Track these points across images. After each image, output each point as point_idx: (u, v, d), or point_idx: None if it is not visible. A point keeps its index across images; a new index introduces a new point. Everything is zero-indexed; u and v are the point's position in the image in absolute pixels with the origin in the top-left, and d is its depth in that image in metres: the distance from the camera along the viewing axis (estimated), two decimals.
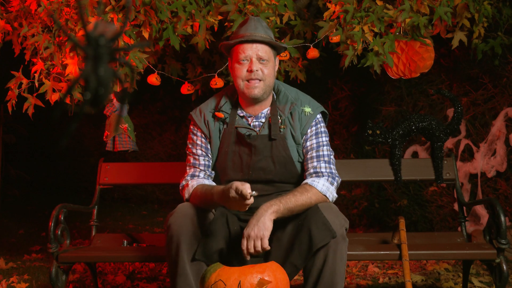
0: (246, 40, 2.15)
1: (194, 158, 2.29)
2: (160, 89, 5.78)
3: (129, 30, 2.74)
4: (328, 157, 2.23)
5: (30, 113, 2.86)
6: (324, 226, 1.99)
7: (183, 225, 2.06)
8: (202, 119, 2.29)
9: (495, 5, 3.16)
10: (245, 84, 2.17)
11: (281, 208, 2.03)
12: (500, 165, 3.90)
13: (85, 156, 7.59)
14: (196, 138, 2.30)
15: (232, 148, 2.23)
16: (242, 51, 2.16)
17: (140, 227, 5.57)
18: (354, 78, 4.92)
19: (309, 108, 2.25)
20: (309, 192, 2.10)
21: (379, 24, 2.77)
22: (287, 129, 2.23)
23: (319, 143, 2.23)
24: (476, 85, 4.08)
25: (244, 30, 2.17)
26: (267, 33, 2.20)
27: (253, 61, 2.15)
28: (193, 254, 2.07)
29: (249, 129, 2.24)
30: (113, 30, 0.94)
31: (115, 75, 0.94)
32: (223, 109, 2.27)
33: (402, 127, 2.89)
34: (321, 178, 2.15)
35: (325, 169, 2.19)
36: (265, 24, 2.23)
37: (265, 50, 2.17)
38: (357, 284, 3.30)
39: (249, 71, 2.15)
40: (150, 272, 3.65)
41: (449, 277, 3.36)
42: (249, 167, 2.22)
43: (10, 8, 2.93)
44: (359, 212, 4.93)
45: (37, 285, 3.36)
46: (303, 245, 2.01)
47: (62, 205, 2.63)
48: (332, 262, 2.01)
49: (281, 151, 2.21)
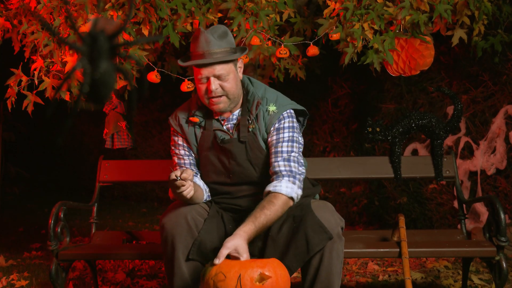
0: (199, 64, 2.09)
1: (178, 158, 2.29)
2: (160, 86, 5.77)
3: (129, 28, 2.73)
4: (287, 153, 2.15)
5: (30, 111, 2.86)
6: (320, 229, 1.99)
7: (176, 224, 2.06)
8: (177, 122, 2.28)
9: (495, 3, 3.16)
10: (210, 101, 2.15)
11: (254, 230, 2.00)
12: (500, 163, 3.90)
13: (84, 153, 7.59)
14: (177, 139, 2.29)
15: (211, 152, 2.23)
16: (198, 72, 2.12)
17: (140, 224, 5.57)
18: (354, 76, 4.92)
19: (274, 106, 2.19)
20: (276, 203, 2.05)
21: (379, 21, 2.77)
22: (256, 129, 2.20)
23: (279, 139, 2.17)
24: (476, 83, 4.08)
25: (197, 48, 2.10)
26: (221, 44, 2.11)
27: (211, 81, 2.10)
28: (188, 253, 2.06)
29: (224, 132, 2.22)
30: (114, 26, 0.94)
31: (118, 70, 0.94)
32: (197, 114, 2.24)
33: (402, 124, 2.89)
34: (282, 181, 2.10)
35: (284, 167, 2.13)
36: (220, 31, 2.14)
37: (222, 66, 2.11)
38: (357, 281, 3.31)
39: (209, 91, 2.11)
40: (150, 270, 3.65)
41: (448, 274, 3.37)
42: (229, 170, 2.21)
43: (10, 5, 2.92)
44: (359, 210, 4.93)
45: (37, 282, 3.37)
46: (299, 248, 2.01)
47: (61, 203, 2.63)
48: (328, 262, 2.01)
49: (256, 153, 2.19)
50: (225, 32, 2.15)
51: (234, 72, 2.16)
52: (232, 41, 2.17)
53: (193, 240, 2.07)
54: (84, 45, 0.93)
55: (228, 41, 2.14)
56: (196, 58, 2.11)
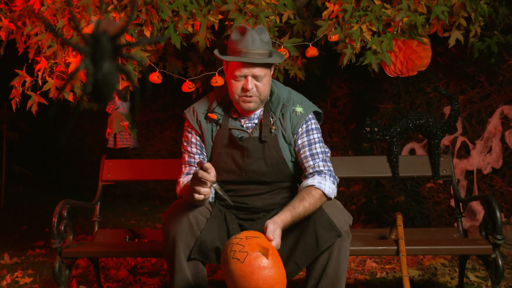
0: (242, 60, 2.07)
1: (189, 156, 2.27)
2: (161, 87, 5.78)
3: (131, 29, 2.74)
4: (323, 154, 2.18)
5: (34, 111, 2.86)
6: (330, 226, 1.99)
7: (178, 223, 2.05)
8: (195, 118, 2.25)
9: (492, 4, 3.16)
10: (241, 98, 2.13)
11: (291, 220, 1.99)
12: (495, 162, 3.90)
13: (87, 153, 7.59)
14: (191, 136, 2.27)
15: (225, 150, 2.21)
16: (238, 69, 2.09)
17: (142, 223, 5.58)
18: (353, 76, 4.92)
19: (301, 108, 2.21)
20: (315, 197, 2.04)
21: (377, 23, 2.77)
22: (278, 130, 2.19)
23: (311, 141, 2.18)
24: (472, 83, 4.09)
25: (241, 45, 2.08)
26: (265, 46, 2.10)
27: (249, 80, 2.09)
28: (189, 252, 2.06)
29: (242, 130, 2.21)
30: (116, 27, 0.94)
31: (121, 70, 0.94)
32: (216, 110, 2.23)
33: (400, 124, 2.89)
34: (327, 180, 2.11)
35: (324, 167, 2.15)
36: (264, 33, 2.13)
37: (261, 68, 2.10)
38: (355, 278, 3.31)
39: (244, 89, 2.10)
40: (151, 267, 3.66)
41: (445, 272, 3.37)
42: (241, 168, 2.19)
43: (14, 7, 2.93)
44: (358, 208, 4.93)
45: (41, 279, 3.37)
46: (308, 245, 2.01)
47: (65, 201, 2.63)
48: (337, 258, 2.01)
49: (273, 153, 2.18)
50: (267, 35, 2.15)
51: (269, 75, 2.16)
52: (270, 44, 2.18)
53: (194, 240, 2.06)
54: (87, 45, 0.93)
55: (269, 44, 2.15)
56: (238, 55, 2.08)
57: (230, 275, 1.75)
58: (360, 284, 3.21)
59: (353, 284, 3.20)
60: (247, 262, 1.72)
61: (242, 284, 1.73)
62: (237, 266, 1.73)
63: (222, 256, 1.82)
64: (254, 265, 1.72)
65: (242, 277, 1.72)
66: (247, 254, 1.73)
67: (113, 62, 0.93)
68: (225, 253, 1.80)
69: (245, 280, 1.72)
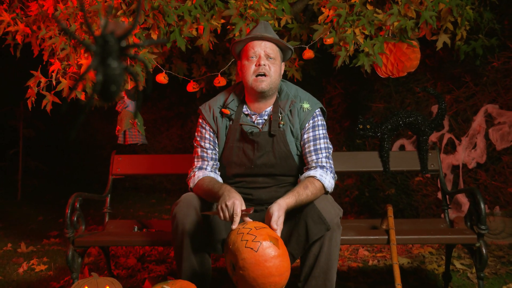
0: (256, 37, 2.15)
1: (202, 151, 2.26)
2: (167, 87, 5.78)
3: (139, 33, 2.73)
4: (327, 150, 2.19)
5: (49, 109, 2.86)
6: (319, 220, 1.99)
7: (187, 215, 2.05)
8: (211, 115, 2.26)
9: (477, 10, 3.16)
10: (253, 79, 2.15)
11: (294, 204, 1.99)
12: (480, 157, 3.90)
13: (98, 149, 7.58)
14: (204, 132, 2.27)
15: (236, 144, 2.21)
16: (252, 48, 2.15)
17: (150, 214, 5.58)
18: (346, 77, 4.91)
19: (308, 104, 2.23)
20: (317, 188, 2.06)
21: (370, 27, 2.76)
22: (286, 125, 2.20)
23: (316, 136, 2.20)
24: (458, 84, 4.08)
25: (254, 31, 2.19)
26: (275, 36, 2.20)
27: (261, 56, 2.14)
28: (197, 243, 2.06)
29: (253, 126, 2.21)
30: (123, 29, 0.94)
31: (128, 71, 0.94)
32: (230, 106, 2.24)
33: (391, 122, 2.89)
34: (328, 175, 2.12)
35: (326, 163, 2.16)
36: (273, 31, 2.23)
37: (273, 48, 2.17)
38: (349, 266, 3.31)
39: (257, 65, 2.14)
40: (159, 255, 3.66)
41: (433, 260, 3.38)
42: (252, 161, 2.20)
43: (29, 12, 2.92)
44: (351, 200, 4.94)
45: (55, 267, 3.38)
46: (301, 237, 2.02)
47: (77, 194, 2.64)
48: (328, 248, 2.02)
49: (281, 146, 2.19)
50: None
51: (279, 63, 2.21)
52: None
53: (202, 232, 2.06)
54: (96, 45, 0.93)
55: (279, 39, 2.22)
56: (252, 37, 2.17)
57: (243, 263, 1.74)
58: (353, 271, 3.21)
59: (347, 271, 3.21)
60: (260, 251, 1.73)
61: (256, 272, 1.73)
62: (251, 255, 1.73)
63: (229, 246, 1.82)
64: (267, 254, 1.73)
65: (256, 265, 1.73)
66: (260, 244, 1.74)
67: (121, 62, 0.93)
68: (235, 243, 1.79)
69: (259, 268, 1.73)
